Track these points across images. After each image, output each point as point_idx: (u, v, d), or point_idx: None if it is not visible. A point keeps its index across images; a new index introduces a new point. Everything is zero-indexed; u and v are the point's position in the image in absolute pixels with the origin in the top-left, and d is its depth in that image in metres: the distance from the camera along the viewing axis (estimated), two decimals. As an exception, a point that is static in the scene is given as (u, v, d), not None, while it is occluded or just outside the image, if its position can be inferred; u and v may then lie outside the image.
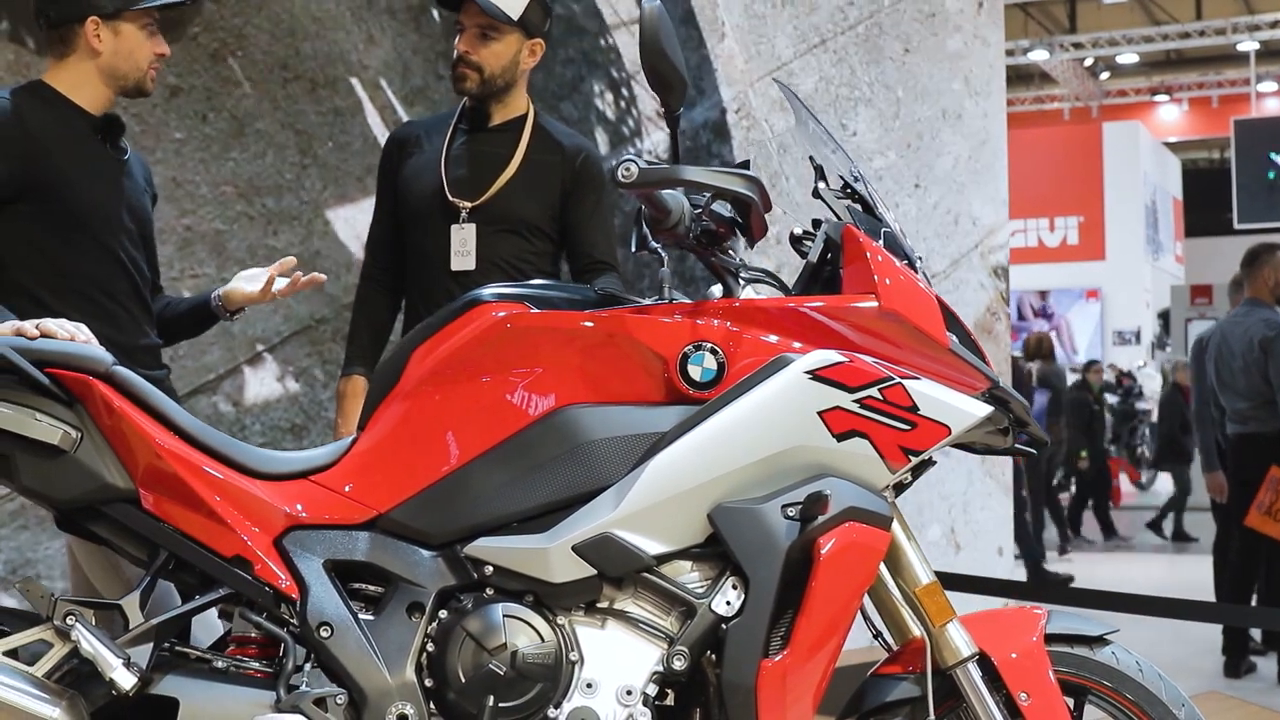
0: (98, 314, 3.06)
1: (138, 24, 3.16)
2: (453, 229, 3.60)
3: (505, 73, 3.61)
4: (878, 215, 2.83)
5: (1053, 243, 23.95)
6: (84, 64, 3.16)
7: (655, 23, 2.48)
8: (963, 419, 2.62)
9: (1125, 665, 2.70)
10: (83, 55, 3.15)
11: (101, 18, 3.13)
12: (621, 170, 2.49)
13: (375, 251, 3.80)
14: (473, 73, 3.60)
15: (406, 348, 2.69)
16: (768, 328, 2.63)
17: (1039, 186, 22.01)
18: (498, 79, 3.61)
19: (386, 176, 3.77)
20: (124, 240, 3.19)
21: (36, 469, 2.51)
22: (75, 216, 3.09)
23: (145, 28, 3.17)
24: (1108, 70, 27.49)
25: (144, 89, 3.23)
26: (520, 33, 3.59)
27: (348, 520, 2.59)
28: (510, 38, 3.59)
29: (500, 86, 3.63)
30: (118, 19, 3.14)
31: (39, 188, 3.05)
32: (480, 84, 3.61)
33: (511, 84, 3.65)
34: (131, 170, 3.27)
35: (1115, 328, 23.66)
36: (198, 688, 2.49)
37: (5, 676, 2.40)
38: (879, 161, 7.01)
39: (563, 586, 2.52)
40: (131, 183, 3.25)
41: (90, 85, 3.17)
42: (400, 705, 2.48)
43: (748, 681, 2.48)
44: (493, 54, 3.59)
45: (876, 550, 2.55)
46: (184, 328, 3.46)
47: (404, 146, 3.75)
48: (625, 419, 2.57)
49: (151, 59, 3.20)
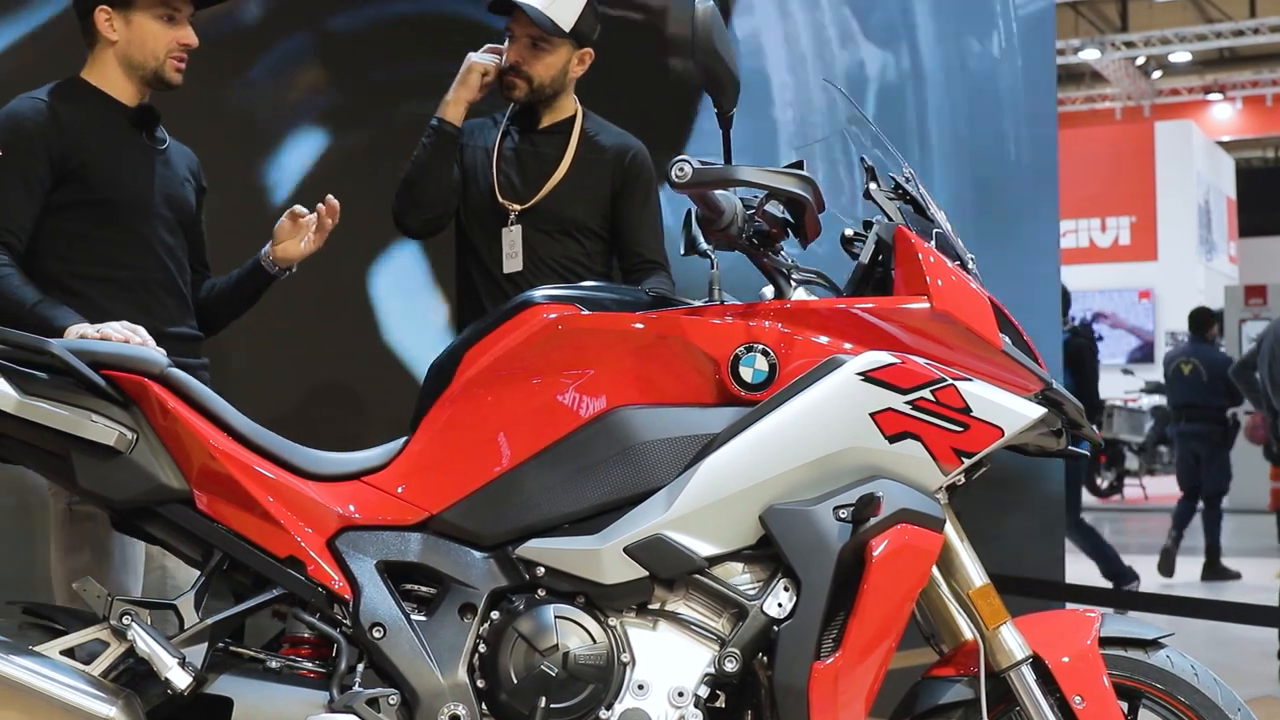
0: (130, 301, 3.07)
1: (150, 12, 3.12)
2: (502, 231, 3.62)
3: (554, 82, 3.64)
4: (929, 216, 2.82)
5: (1104, 243, 23.79)
6: (105, 54, 3.15)
7: (708, 22, 2.48)
8: (1016, 421, 2.61)
9: (1180, 669, 2.68)
10: (103, 46, 3.14)
11: (112, 6, 3.11)
12: (675, 170, 2.49)
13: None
14: (522, 82, 3.62)
15: (459, 349, 2.70)
16: (819, 329, 2.62)
17: (1090, 187, 21.87)
18: (547, 88, 3.64)
19: None
20: (159, 229, 3.18)
21: (93, 470, 2.53)
22: (109, 205, 3.09)
23: (162, 16, 3.13)
24: (1160, 69, 27.27)
25: (165, 79, 3.17)
26: (571, 43, 3.61)
27: (400, 521, 2.61)
28: (561, 49, 3.61)
29: (549, 95, 3.66)
30: (129, 7, 3.11)
31: (72, 178, 3.07)
32: (529, 93, 3.63)
33: (560, 91, 3.68)
34: (171, 159, 3.26)
35: (1168, 328, 23.46)
36: (251, 687, 2.51)
37: (63, 675, 2.42)
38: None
39: (614, 588, 2.52)
40: (169, 172, 3.23)
41: (115, 76, 3.15)
42: (452, 706, 2.49)
43: (800, 684, 2.48)
44: (543, 64, 3.61)
45: (929, 552, 2.54)
46: (239, 298, 3.41)
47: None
48: (677, 420, 2.57)
49: (172, 48, 3.14)
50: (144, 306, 3.12)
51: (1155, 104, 27.53)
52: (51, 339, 2.56)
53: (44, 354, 2.53)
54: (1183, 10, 24.71)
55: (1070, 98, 26.70)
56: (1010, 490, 7.26)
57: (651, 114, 4.96)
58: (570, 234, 3.64)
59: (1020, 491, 7.39)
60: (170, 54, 3.15)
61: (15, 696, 2.38)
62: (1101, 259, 23.41)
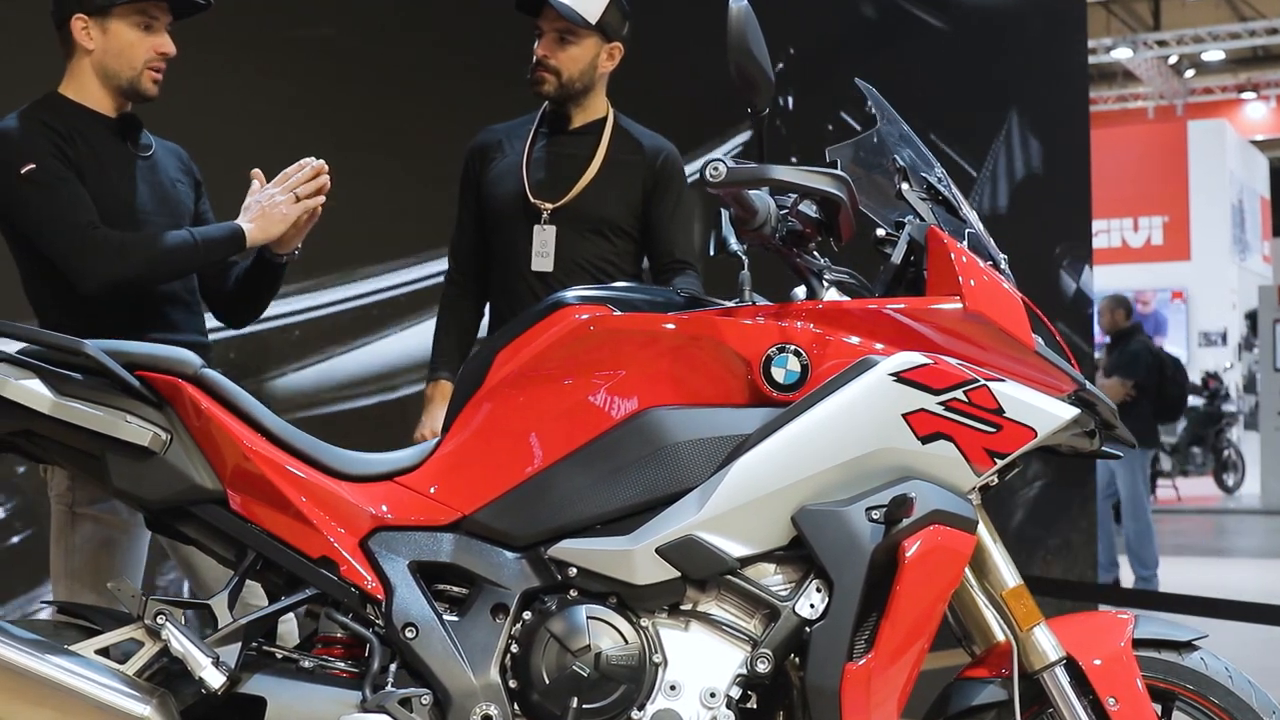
0: (129, 312, 3.04)
1: (127, 20, 3.06)
2: (534, 230, 3.62)
3: (583, 76, 3.64)
4: (961, 216, 2.82)
5: (1136, 243, 23.67)
6: (82, 64, 3.09)
7: (742, 22, 2.48)
8: (1049, 421, 2.60)
9: (1214, 671, 2.67)
10: (80, 55, 3.09)
11: (88, 14, 3.05)
12: (710, 169, 2.49)
13: (459, 256, 3.84)
14: (550, 76, 3.62)
15: (490, 350, 2.70)
16: (851, 329, 2.62)
17: (1122, 186, 21.75)
18: (575, 83, 3.63)
19: (469, 182, 3.80)
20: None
21: (127, 470, 2.55)
22: (104, 219, 2.99)
23: (139, 25, 3.07)
24: (1193, 68, 27.12)
25: (140, 90, 3.10)
26: (599, 36, 3.61)
27: (432, 522, 2.61)
28: (588, 41, 3.61)
29: (578, 90, 3.65)
30: (106, 15, 3.05)
31: None
32: (558, 87, 3.63)
33: (590, 87, 3.67)
34: (158, 163, 3.20)
35: (1201, 329, 23.34)
36: (285, 687, 2.52)
37: (97, 674, 2.43)
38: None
39: (646, 588, 2.52)
40: (158, 176, 3.18)
41: (92, 87, 3.10)
42: (485, 706, 2.49)
43: (832, 685, 2.47)
44: (570, 58, 3.61)
45: (961, 553, 2.54)
46: (255, 293, 3.34)
47: (486, 152, 3.78)
48: (709, 421, 2.57)
49: (150, 58, 3.09)
50: (142, 318, 3.07)
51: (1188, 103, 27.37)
52: (86, 340, 2.57)
53: (78, 355, 2.54)
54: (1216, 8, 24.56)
55: (1102, 97, 26.58)
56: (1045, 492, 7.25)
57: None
58: (602, 233, 3.64)
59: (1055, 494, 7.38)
60: (148, 64, 3.09)
61: (51, 695, 2.40)
62: (1134, 259, 23.28)
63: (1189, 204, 23.28)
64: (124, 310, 3.04)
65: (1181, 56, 26.14)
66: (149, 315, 3.10)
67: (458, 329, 3.81)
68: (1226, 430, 19.25)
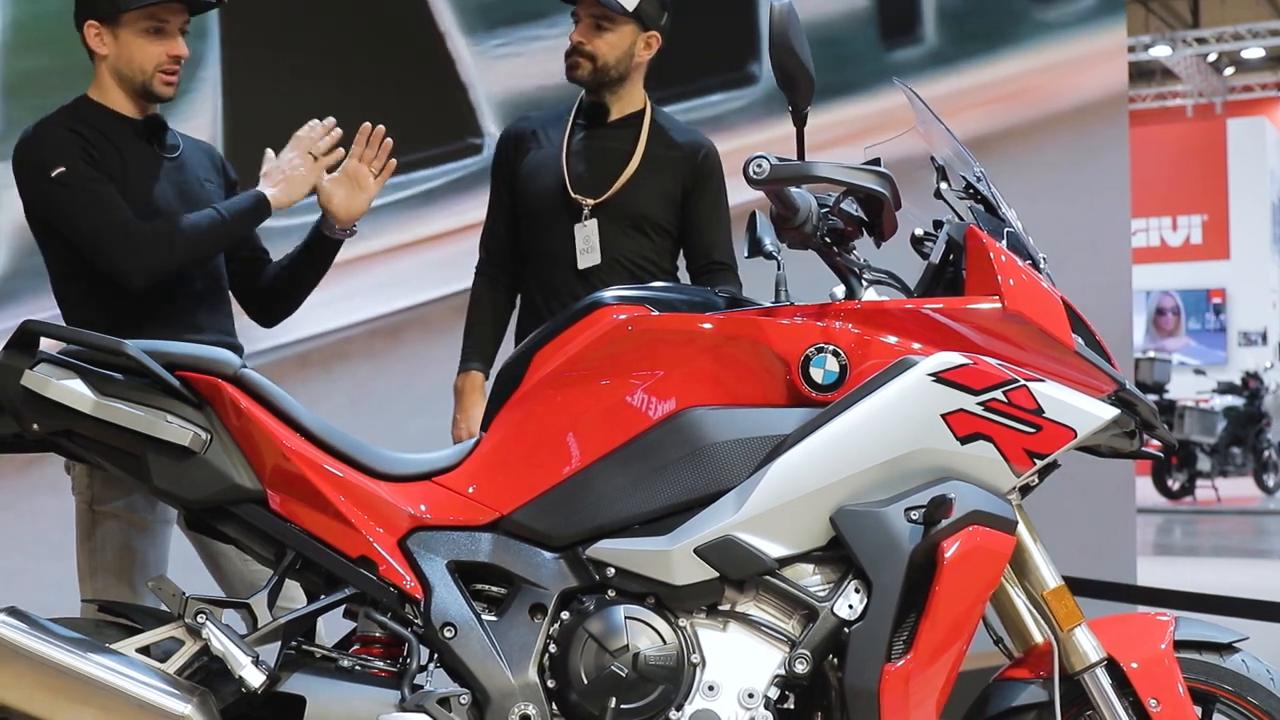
0: (157, 312, 3.04)
1: (136, 26, 3.07)
2: (576, 227, 3.59)
3: (619, 63, 3.60)
4: (1000, 215, 2.80)
5: (1175, 242, 23.55)
6: (102, 69, 3.12)
7: (785, 20, 2.48)
8: (1089, 422, 2.59)
9: (1255, 673, 2.65)
10: (99, 61, 3.12)
11: (100, 21, 3.07)
12: (753, 166, 2.49)
13: (491, 247, 3.79)
14: (585, 61, 3.58)
15: (529, 350, 2.71)
16: (890, 329, 2.61)
17: (1161, 185, 21.66)
18: (611, 69, 3.59)
19: (502, 172, 3.76)
20: None
21: (167, 470, 2.56)
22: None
23: (147, 30, 3.08)
24: (1232, 65, 26.93)
25: (153, 92, 3.10)
26: (635, 24, 3.58)
27: (471, 521, 2.62)
28: (625, 29, 3.57)
29: (614, 78, 3.61)
30: (116, 23, 3.07)
31: None
32: (593, 72, 3.59)
33: (625, 76, 3.63)
34: (186, 164, 3.21)
35: (1240, 329, 23.19)
36: (324, 686, 2.53)
37: (138, 673, 2.45)
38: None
39: (684, 589, 2.52)
40: (185, 176, 3.18)
41: (114, 90, 3.12)
42: (523, 706, 2.50)
43: (871, 686, 2.47)
44: (607, 44, 3.57)
45: (1001, 554, 2.53)
46: (305, 276, 3.33)
47: (520, 142, 3.74)
48: (747, 421, 2.57)
49: (161, 62, 3.09)
50: (172, 316, 3.08)
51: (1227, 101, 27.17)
52: (126, 340, 2.59)
53: (119, 355, 2.55)
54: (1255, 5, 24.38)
55: (1141, 95, 26.43)
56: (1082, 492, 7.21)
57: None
58: (642, 230, 3.61)
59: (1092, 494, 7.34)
60: (159, 68, 3.10)
61: (93, 694, 2.41)
62: (1173, 258, 23.17)
63: (1228, 202, 23.16)
64: (150, 308, 3.05)
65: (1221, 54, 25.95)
66: (178, 313, 3.10)
67: (488, 321, 3.77)
68: (1266, 430, 19.10)
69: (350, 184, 3.20)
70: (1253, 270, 23.15)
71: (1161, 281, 22.93)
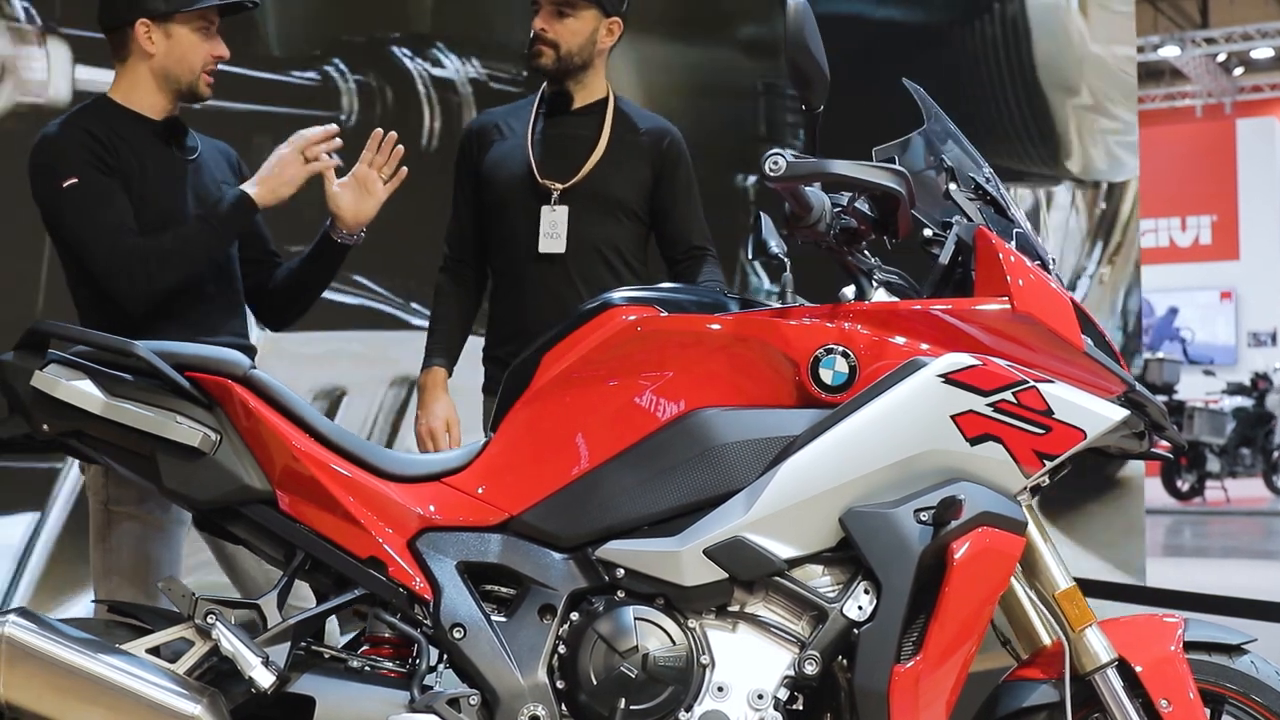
0: (174, 316, 3.05)
1: (191, 25, 3.10)
2: (543, 210, 3.56)
3: (582, 50, 3.57)
4: (1009, 216, 2.80)
5: (1184, 242, 23.52)
6: (139, 68, 3.12)
7: (800, 18, 2.48)
8: (1098, 423, 2.59)
9: (1264, 675, 2.65)
10: (137, 59, 3.11)
11: (152, 19, 3.08)
12: (770, 163, 2.48)
13: (454, 243, 3.75)
14: (549, 49, 3.55)
15: (537, 351, 2.71)
16: (899, 330, 2.61)
17: (1169, 185, 21.63)
18: (574, 57, 3.56)
19: (466, 166, 3.72)
20: None
21: (177, 470, 2.56)
22: (146, 224, 3.03)
23: (200, 30, 3.11)
24: (1241, 65, 26.89)
25: (197, 93, 3.15)
26: (597, 10, 3.55)
27: (480, 522, 2.62)
28: (587, 14, 3.54)
29: (577, 65, 3.58)
30: (169, 20, 3.08)
31: None
32: (556, 61, 3.56)
33: (588, 63, 3.60)
34: (204, 165, 3.22)
35: (1250, 329, 23.16)
36: (333, 687, 2.53)
37: (148, 673, 2.45)
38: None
39: (694, 590, 2.52)
40: (202, 178, 3.19)
41: (146, 90, 3.13)
42: (532, 706, 2.50)
43: (880, 687, 2.47)
44: (569, 31, 3.54)
45: (1010, 555, 2.53)
46: (313, 280, 3.34)
47: (483, 135, 3.70)
48: (756, 422, 2.57)
49: (207, 62, 3.13)
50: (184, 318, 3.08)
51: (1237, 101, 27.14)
52: (136, 341, 2.59)
53: (129, 355, 2.56)
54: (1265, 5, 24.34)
55: (1150, 95, 26.40)
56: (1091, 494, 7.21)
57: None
58: (613, 214, 3.59)
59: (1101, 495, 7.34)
60: (204, 67, 3.13)
61: (102, 694, 2.42)
62: (1181, 259, 23.14)
63: (1238, 203, 23.14)
64: (164, 310, 3.04)
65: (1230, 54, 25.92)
66: (192, 314, 3.11)
67: (453, 317, 3.72)
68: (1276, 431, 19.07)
69: (359, 189, 3.20)
70: (1263, 270, 23.12)
71: (1171, 282, 22.90)
